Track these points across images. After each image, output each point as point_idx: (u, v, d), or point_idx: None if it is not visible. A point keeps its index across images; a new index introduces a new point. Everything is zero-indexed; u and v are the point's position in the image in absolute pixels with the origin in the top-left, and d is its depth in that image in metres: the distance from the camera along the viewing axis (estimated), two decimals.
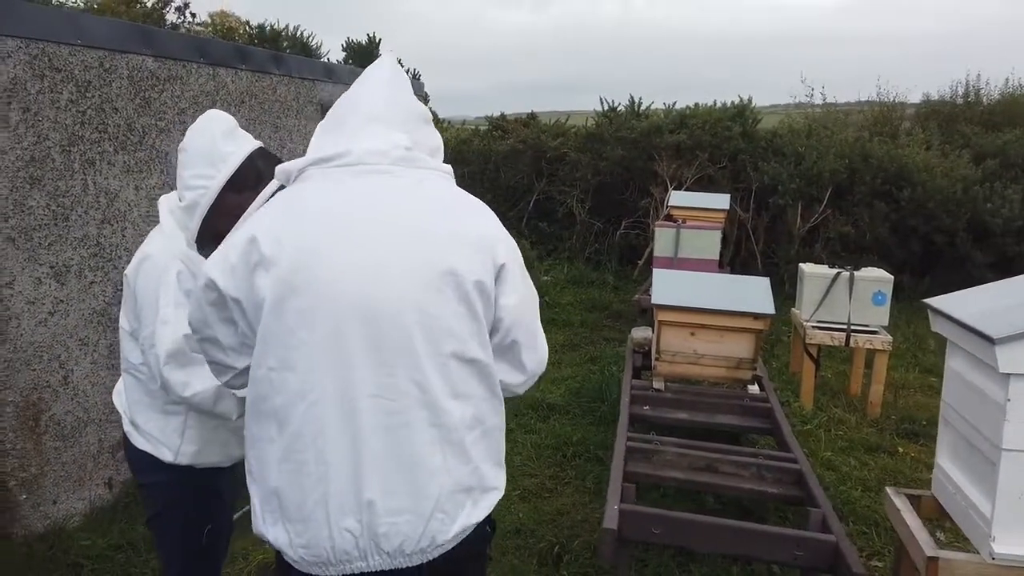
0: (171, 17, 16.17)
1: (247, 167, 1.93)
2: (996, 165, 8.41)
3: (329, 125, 1.58)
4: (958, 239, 7.94)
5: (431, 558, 1.44)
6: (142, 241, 3.85)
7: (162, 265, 1.92)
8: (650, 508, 2.81)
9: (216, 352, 1.54)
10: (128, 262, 3.65)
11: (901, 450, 4.45)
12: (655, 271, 4.41)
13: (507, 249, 1.53)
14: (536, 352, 1.62)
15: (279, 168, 1.58)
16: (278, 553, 1.49)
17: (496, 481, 1.55)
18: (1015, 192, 7.94)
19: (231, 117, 2.03)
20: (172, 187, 3.91)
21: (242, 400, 1.91)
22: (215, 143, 1.92)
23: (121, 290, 3.64)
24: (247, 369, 1.51)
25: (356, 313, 1.39)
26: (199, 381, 1.87)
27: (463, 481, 1.46)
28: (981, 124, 10.16)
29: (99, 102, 3.50)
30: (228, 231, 1.89)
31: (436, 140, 1.63)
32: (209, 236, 1.93)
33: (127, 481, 3.78)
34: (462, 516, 1.46)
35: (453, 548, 1.47)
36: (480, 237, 1.49)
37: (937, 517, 2.65)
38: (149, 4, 16.08)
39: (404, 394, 1.40)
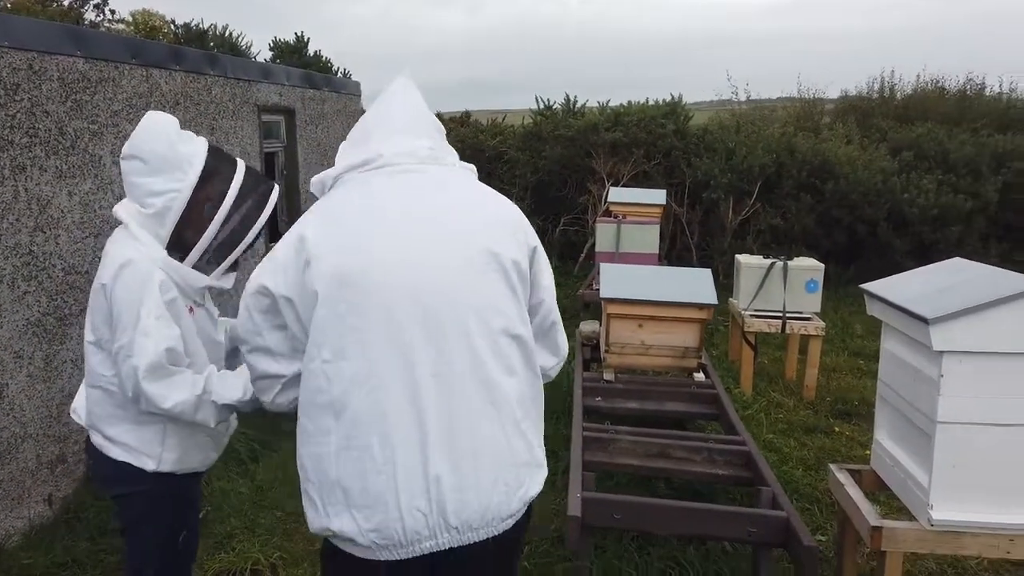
0: (90, 15, 15.47)
1: (210, 165, 1.92)
2: (911, 157, 8.86)
3: (356, 138, 1.67)
4: (879, 228, 8.35)
5: (495, 533, 1.50)
6: (76, 248, 3.67)
7: (145, 272, 1.85)
8: (611, 495, 2.88)
9: (266, 362, 1.58)
10: (62, 270, 3.56)
11: (837, 430, 4.67)
12: (603, 266, 4.49)
13: (534, 235, 1.66)
14: (564, 335, 1.77)
15: (314, 179, 1.66)
16: (326, 544, 1.54)
17: (544, 460, 1.63)
18: (930, 182, 8.39)
19: (173, 116, 2.00)
20: (107, 192, 3.81)
21: (222, 408, 1.90)
22: (173, 146, 1.89)
23: (56, 299, 3.53)
24: (294, 379, 1.56)
25: (407, 299, 1.45)
26: (177, 392, 1.84)
27: (521, 455, 1.54)
28: (895, 118, 10.67)
29: (29, 105, 3.36)
30: (197, 233, 1.89)
31: (452, 150, 1.72)
32: (176, 240, 1.90)
33: (68, 497, 3.65)
34: (522, 490, 1.54)
35: (510, 528, 1.53)
36: (511, 221, 1.62)
37: (873, 491, 2.80)
38: (66, 2, 15.35)
39: (461, 372, 1.47)
